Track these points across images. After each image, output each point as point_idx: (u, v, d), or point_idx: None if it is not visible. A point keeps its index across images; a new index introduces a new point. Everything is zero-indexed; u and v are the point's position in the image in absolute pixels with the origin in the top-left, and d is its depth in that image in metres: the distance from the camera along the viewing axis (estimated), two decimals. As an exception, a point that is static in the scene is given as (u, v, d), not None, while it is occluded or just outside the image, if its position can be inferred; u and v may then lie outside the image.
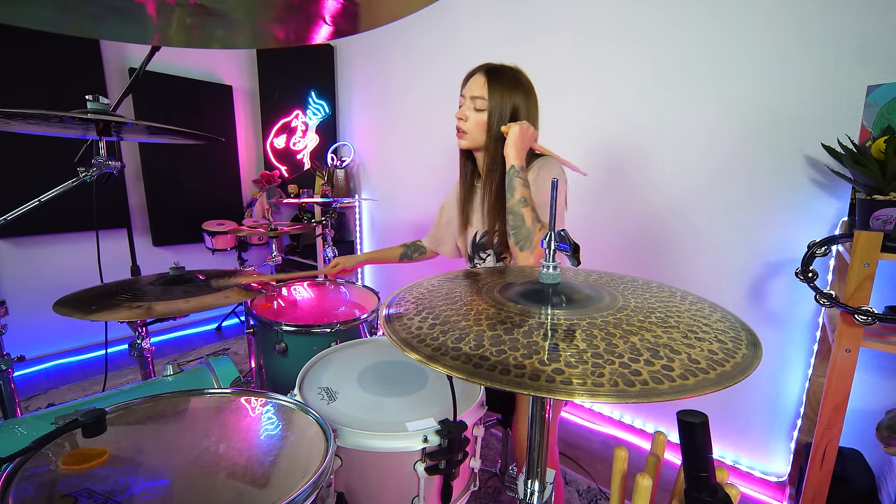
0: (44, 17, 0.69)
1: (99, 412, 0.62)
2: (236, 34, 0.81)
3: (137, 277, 1.21)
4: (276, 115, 3.18)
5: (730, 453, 1.72)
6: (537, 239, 1.01)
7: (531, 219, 1.02)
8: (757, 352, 0.45)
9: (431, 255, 1.51)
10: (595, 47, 1.92)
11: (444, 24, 2.52)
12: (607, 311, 0.53)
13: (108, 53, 2.49)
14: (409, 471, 0.78)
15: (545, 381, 0.39)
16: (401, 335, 0.49)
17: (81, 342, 2.59)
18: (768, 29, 1.49)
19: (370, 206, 3.29)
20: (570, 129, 2.02)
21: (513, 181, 1.05)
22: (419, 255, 1.50)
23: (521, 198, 1.04)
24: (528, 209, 1.03)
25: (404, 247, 1.51)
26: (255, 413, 0.75)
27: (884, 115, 1.21)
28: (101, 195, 1.14)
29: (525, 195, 1.04)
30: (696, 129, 1.69)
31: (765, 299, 1.59)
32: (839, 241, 1.15)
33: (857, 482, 1.24)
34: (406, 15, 0.70)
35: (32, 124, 0.99)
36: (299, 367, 0.98)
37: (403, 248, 1.50)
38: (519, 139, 1.06)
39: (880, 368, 1.38)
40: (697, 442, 0.47)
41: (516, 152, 1.06)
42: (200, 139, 1.19)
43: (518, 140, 1.06)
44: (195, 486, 0.57)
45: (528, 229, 1.02)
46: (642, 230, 1.86)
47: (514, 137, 1.06)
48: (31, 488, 0.54)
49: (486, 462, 1.71)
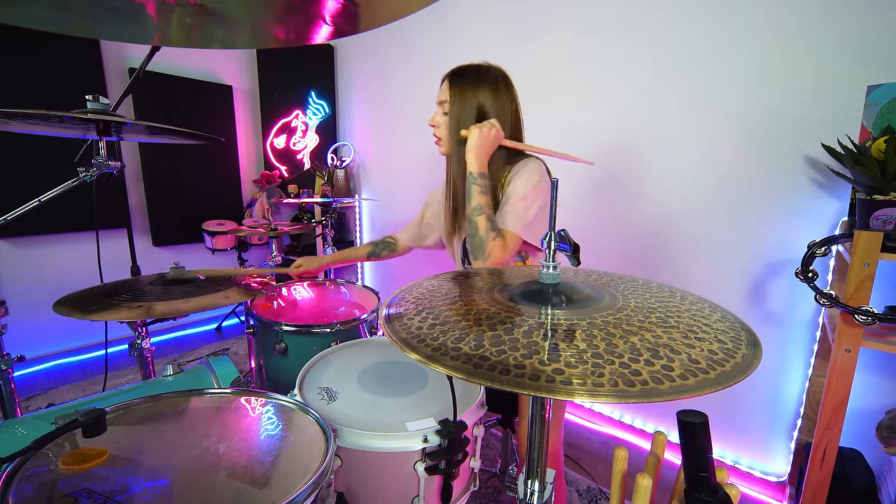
0: (44, 17, 0.69)
1: (99, 412, 0.62)
2: (236, 34, 0.81)
3: (137, 277, 1.21)
4: (276, 115, 3.18)
5: (730, 453, 1.72)
6: (490, 247, 0.99)
7: (485, 228, 1.00)
8: (757, 352, 0.45)
9: (403, 250, 1.48)
10: (595, 46, 1.92)
11: (444, 24, 2.52)
12: (607, 311, 0.53)
13: (108, 53, 2.49)
14: (409, 471, 0.78)
15: (545, 381, 0.39)
16: (401, 335, 0.49)
17: (81, 342, 2.59)
18: (769, 28, 1.49)
19: (370, 206, 3.29)
20: (570, 129, 2.02)
21: (470, 188, 1.03)
22: (388, 252, 1.47)
23: (477, 205, 1.02)
24: (482, 217, 1.01)
25: (372, 245, 1.48)
26: (255, 413, 0.75)
27: (884, 115, 1.21)
28: (101, 195, 1.14)
29: (481, 203, 1.02)
30: (696, 129, 1.69)
31: (765, 299, 1.59)
32: (839, 241, 1.15)
33: (857, 482, 1.24)
34: (406, 15, 0.70)
35: (32, 124, 0.99)
36: (299, 367, 0.98)
37: (371, 247, 1.48)
38: (479, 143, 1.03)
39: (880, 368, 1.38)
40: (697, 442, 0.47)
41: (475, 157, 1.03)
42: (200, 139, 1.19)
43: (478, 144, 1.03)
44: (195, 486, 0.57)
45: (480, 238, 1.00)
46: (642, 230, 1.86)
47: (474, 142, 1.03)
48: (31, 488, 0.54)
49: (486, 462, 1.71)
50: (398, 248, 1.48)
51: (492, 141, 1.04)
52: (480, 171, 1.04)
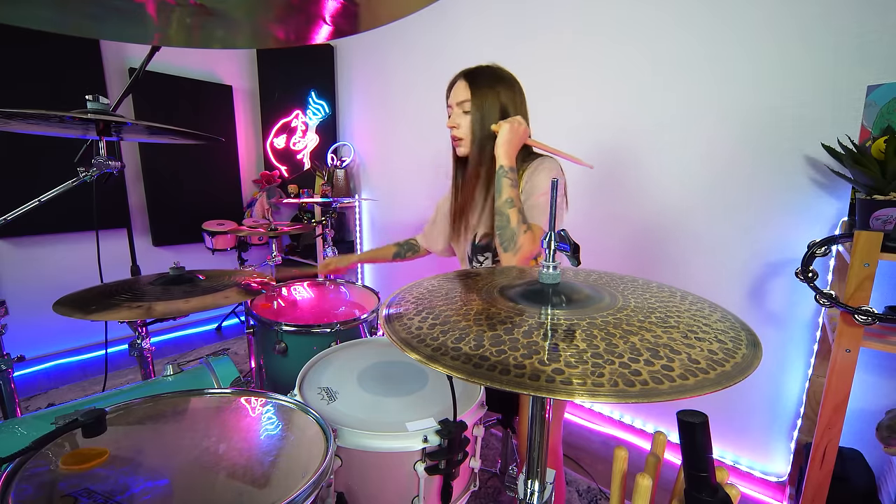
0: (44, 17, 0.69)
1: (99, 412, 0.62)
2: (236, 34, 0.81)
3: (137, 277, 1.21)
4: (276, 115, 3.18)
5: (730, 453, 1.72)
6: (521, 240, 1.00)
7: (517, 220, 1.01)
8: (757, 352, 0.45)
9: (425, 252, 1.49)
10: (595, 45, 1.92)
11: (444, 23, 2.52)
12: (607, 311, 0.53)
13: (108, 53, 2.49)
14: (409, 471, 0.78)
15: (545, 381, 0.39)
16: (401, 335, 0.49)
17: (81, 342, 2.59)
18: (768, 28, 1.49)
19: (370, 206, 3.29)
20: (570, 129, 2.02)
21: (501, 181, 1.03)
22: (412, 253, 1.48)
23: (508, 198, 1.02)
24: (514, 210, 1.01)
25: (398, 246, 1.49)
26: (255, 413, 0.75)
27: (884, 115, 1.21)
28: (101, 195, 1.14)
29: (512, 196, 1.02)
30: (696, 129, 1.69)
31: (765, 299, 1.59)
32: (839, 241, 1.15)
33: (857, 482, 1.24)
34: (406, 15, 0.70)
35: (32, 124, 0.99)
36: (299, 367, 0.98)
37: (397, 248, 1.48)
38: (510, 137, 1.04)
39: (880, 368, 1.38)
40: (697, 442, 0.47)
41: (506, 151, 1.04)
42: (200, 139, 1.19)
43: (509, 138, 1.04)
44: (195, 486, 0.57)
45: (512, 230, 1.01)
46: (642, 230, 1.86)
47: (506, 136, 1.04)
48: (31, 488, 0.54)
49: (486, 462, 1.71)
50: (420, 250, 1.49)
51: (521, 136, 1.07)
52: (511, 165, 1.05)
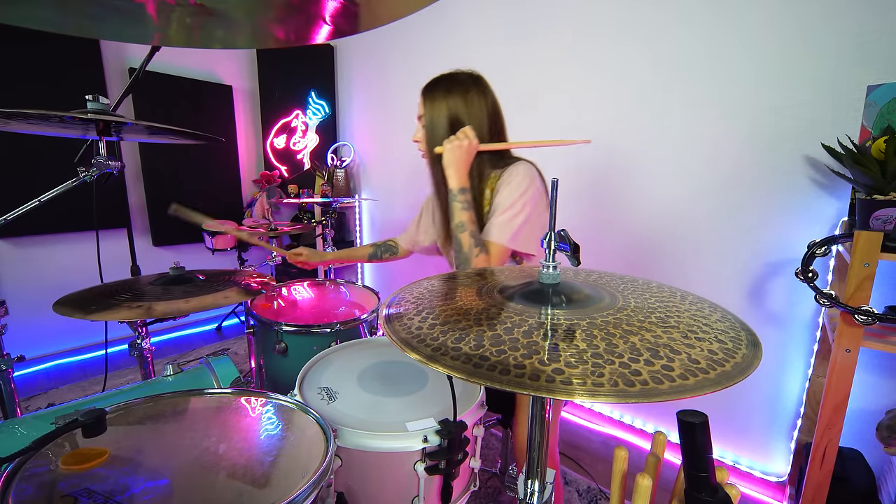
0: (44, 17, 0.69)
1: (99, 412, 0.62)
2: (236, 34, 0.81)
3: (137, 277, 1.21)
4: (276, 115, 3.18)
5: (730, 453, 1.72)
6: (475, 262, 1.00)
7: (468, 245, 1.00)
8: (757, 352, 0.45)
9: (405, 254, 1.47)
10: (595, 46, 1.92)
11: (444, 24, 2.52)
12: (607, 311, 0.53)
13: (108, 53, 2.49)
14: (409, 471, 0.78)
15: (545, 381, 0.39)
16: (401, 335, 0.49)
17: (81, 342, 2.59)
18: (769, 28, 1.49)
19: (370, 206, 3.29)
20: (570, 128, 2.02)
21: (452, 205, 1.03)
22: (390, 255, 1.46)
23: (460, 222, 1.01)
24: (465, 234, 1.01)
25: (374, 246, 1.46)
26: (255, 413, 0.75)
27: (884, 115, 1.21)
28: (101, 195, 1.14)
29: (463, 219, 1.01)
30: (696, 129, 1.69)
31: (765, 299, 1.59)
32: (839, 241, 1.15)
33: (857, 482, 1.24)
34: (406, 15, 0.70)
35: (32, 124, 0.99)
36: (299, 367, 0.98)
37: (373, 248, 1.46)
38: (452, 159, 1.02)
39: (880, 368, 1.38)
40: (697, 442, 0.47)
41: (453, 173, 1.03)
42: (200, 139, 1.19)
43: (451, 160, 1.02)
44: (195, 486, 0.57)
45: (465, 255, 1.00)
46: (643, 230, 1.86)
47: (448, 159, 1.02)
48: (31, 488, 0.54)
49: (486, 462, 1.71)
50: (399, 252, 1.46)
51: (466, 153, 1.03)
52: (461, 187, 1.03)
